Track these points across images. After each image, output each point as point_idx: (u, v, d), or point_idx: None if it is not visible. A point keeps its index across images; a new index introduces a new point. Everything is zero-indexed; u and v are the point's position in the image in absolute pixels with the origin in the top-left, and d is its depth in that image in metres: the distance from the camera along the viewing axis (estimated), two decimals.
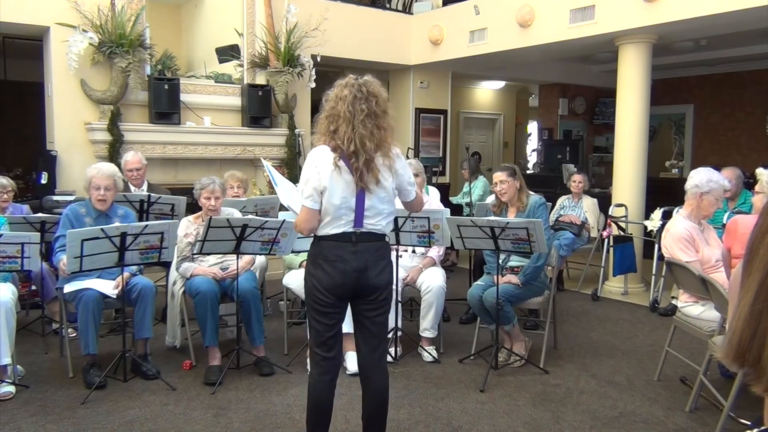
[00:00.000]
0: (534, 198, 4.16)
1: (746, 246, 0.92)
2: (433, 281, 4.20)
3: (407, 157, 7.25)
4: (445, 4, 8.25)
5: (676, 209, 4.25)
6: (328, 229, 2.49)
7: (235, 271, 3.92)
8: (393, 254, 4.09)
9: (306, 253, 2.74)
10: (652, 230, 5.64)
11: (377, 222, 2.52)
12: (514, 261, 4.11)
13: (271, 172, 3.02)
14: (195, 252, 3.95)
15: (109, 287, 3.77)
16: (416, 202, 2.75)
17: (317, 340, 2.56)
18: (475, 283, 4.22)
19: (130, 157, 5.15)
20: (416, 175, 4.38)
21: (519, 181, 4.14)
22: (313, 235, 2.56)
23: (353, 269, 2.48)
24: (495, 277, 3.94)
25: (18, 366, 3.77)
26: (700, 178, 3.68)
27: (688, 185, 3.75)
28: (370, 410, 2.64)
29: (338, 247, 2.48)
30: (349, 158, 2.42)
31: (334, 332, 2.57)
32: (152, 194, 4.75)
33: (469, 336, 4.49)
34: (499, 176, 4.14)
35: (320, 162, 2.46)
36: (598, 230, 6.42)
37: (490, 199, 5.24)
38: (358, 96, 2.44)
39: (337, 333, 2.60)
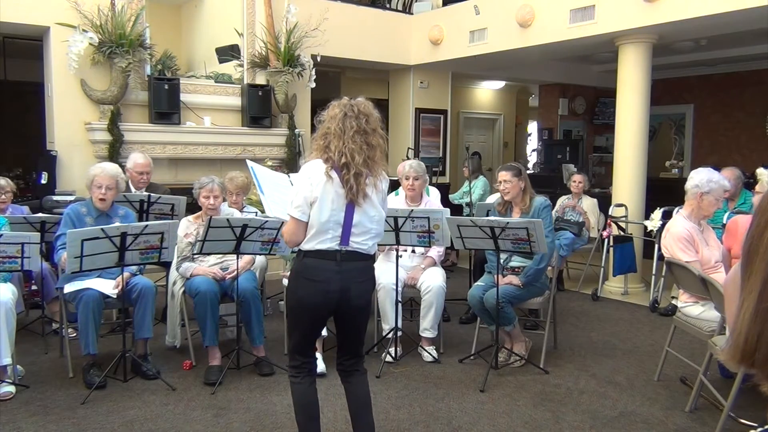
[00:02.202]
0: (539, 199, 4.14)
1: (743, 247, 0.92)
2: (433, 281, 4.20)
3: (407, 157, 7.30)
4: (445, 4, 8.25)
5: (676, 209, 4.25)
6: (313, 243, 2.50)
7: (235, 271, 3.92)
8: (393, 254, 4.15)
9: None
10: (652, 230, 5.64)
11: (364, 241, 2.55)
12: (516, 261, 4.11)
13: (257, 176, 2.97)
14: (195, 252, 3.95)
15: (109, 287, 3.77)
16: None
17: (297, 348, 2.64)
18: (476, 283, 4.21)
19: (141, 160, 5.00)
20: (416, 179, 4.39)
21: (524, 182, 4.13)
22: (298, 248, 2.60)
23: (336, 290, 2.51)
24: (495, 277, 3.94)
25: (18, 366, 3.77)
26: (700, 178, 3.68)
27: (688, 185, 3.75)
28: (355, 412, 2.72)
29: (322, 265, 2.51)
30: (341, 170, 2.46)
31: (312, 341, 2.70)
32: (152, 194, 4.74)
33: (469, 336, 4.49)
34: (503, 175, 4.11)
35: (313, 174, 2.49)
36: (598, 230, 6.42)
37: (491, 198, 5.24)
38: (349, 114, 2.50)
39: (316, 340, 2.74)
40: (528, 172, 10.37)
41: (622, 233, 6.11)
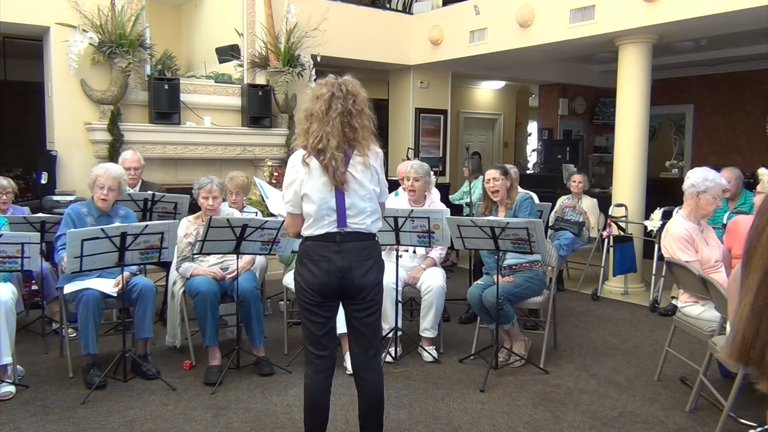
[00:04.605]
0: (520, 194, 4.26)
1: (744, 247, 0.93)
2: (433, 281, 4.20)
3: (407, 158, 7.30)
4: (445, 4, 8.25)
5: (676, 209, 4.25)
6: (312, 230, 2.52)
7: (235, 271, 3.92)
8: (393, 254, 4.15)
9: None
10: (652, 230, 5.64)
11: (361, 221, 2.53)
12: (511, 259, 4.12)
13: (263, 188, 3.10)
14: (195, 252, 3.95)
15: (109, 286, 3.78)
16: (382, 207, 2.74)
17: (310, 339, 2.58)
18: (475, 282, 4.22)
19: (129, 156, 5.09)
20: (416, 180, 4.38)
21: (510, 181, 4.24)
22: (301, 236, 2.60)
23: (337, 269, 2.49)
24: (494, 277, 3.95)
25: (18, 366, 3.77)
26: (696, 178, 3.69)
27: (685, 185, 3.76)
28: (366, 410, 2.67)
29: (322, 247, 2.50)
30: (318, 155, 2.45)
31: (325, 330, 2.58)
32: (156, 193, 4.74)
33: (469, 336, 4.49)
34: (492, 173, 4.25)
35: (298, 166, 2.50)
36: (598, 230, 6.42)
37: None
38: (336, 94, 2.46)
39: (330, 331, 2.61)
40: (528, 172, 10.46)
41: (622, 233, 6.11)
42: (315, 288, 2.50)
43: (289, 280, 4.37)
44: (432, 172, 4.71)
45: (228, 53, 6.92)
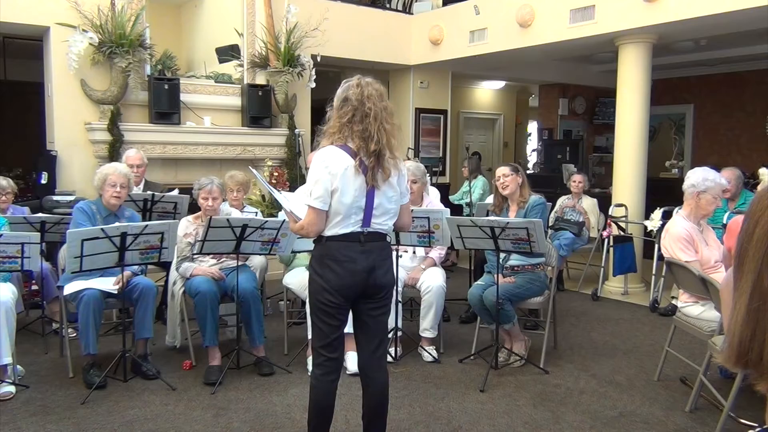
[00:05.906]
0: (534, 197, 4.21)
1: (735, 250, 0.93)
2: (433, 281, 4.20)
3: (407, 158, 7.30)
4: (445, 4, 8.25)
5: (676, 209, 4.25)
6: (336, 229, 2.48)
7: (234, 266, 3.91)
8: (393, 254, 4.14)
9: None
10: (652, 230, 5.64)
11: (384, 221, 2.54)
12: (514, 260, 4.12)
13: (261, 179, 3.07)
14: (195, 252, 3.95)
15: (109, 284, 3.78)
16: (405, 211, 2.67)
17: (322, 341, 2.55)
18: (476, 282, 4.22)
19: (133, 153, 5.10)
20: (414, 182, 4.37)
21: (521, 178, 4.22)
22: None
23: (362, 269, 2.47)
24: (495, 276, 3.95)
25: (18, 366, 3.77)
26: (696, 178, 3.69)
27: (684, 185, 3.76)
28: (371, 410, 2.65)
29: (347, 247, 2.47)
30: (369, 156, 2.42)
31: (338, 333, 2.57)
32: (156, 193, 4.74)
33: (469, 336, 4.49)
34: (502, 170, 4.25)
35: (331, 163, 2.42)
36: (598, 230, 6.42)
37: (491, 199, 5.24)
38: (377, 95, 2.48)
39: (342, 334, 2.60)
40: (528, 172, 10.45)
41: (622, 233, 6.11)
42: (339, 289, 2.47)
43: (289, 280, 4.37)
44: (427, 173, 4.70)
45: (228, 53, 6.93)
